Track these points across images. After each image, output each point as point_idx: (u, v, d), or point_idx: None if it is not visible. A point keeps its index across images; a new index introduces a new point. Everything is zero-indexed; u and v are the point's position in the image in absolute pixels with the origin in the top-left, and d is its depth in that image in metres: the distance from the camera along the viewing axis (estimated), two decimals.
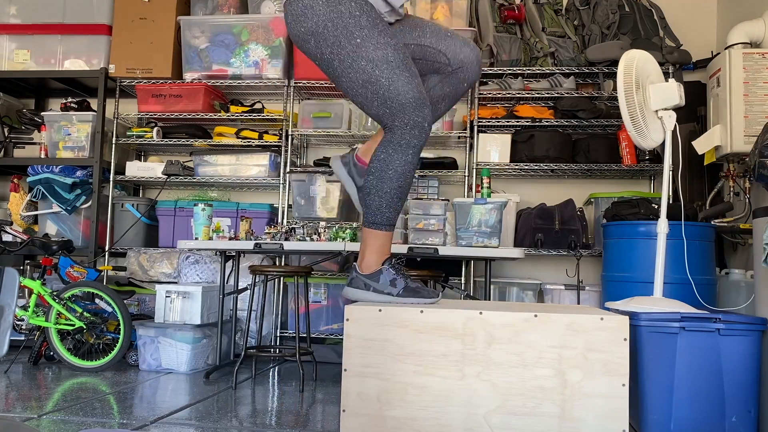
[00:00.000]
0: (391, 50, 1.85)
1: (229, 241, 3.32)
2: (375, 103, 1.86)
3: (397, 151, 1.86)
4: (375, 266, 1.96)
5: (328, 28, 1.85)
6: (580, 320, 1.84)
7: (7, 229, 3.81)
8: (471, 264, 3.88)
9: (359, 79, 1.85)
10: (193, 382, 3.15)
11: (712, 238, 3.25)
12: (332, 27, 1.85)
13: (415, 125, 1.85)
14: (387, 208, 1.91)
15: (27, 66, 4.36)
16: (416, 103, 1.84)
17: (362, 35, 1.84)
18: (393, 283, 1.95)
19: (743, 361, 2.21)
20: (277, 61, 4.12)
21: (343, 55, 1.85)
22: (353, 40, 1.84)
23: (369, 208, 1.91)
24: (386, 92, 1.83)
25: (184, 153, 4.59)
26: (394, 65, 1.84)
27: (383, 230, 1.93)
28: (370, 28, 1.85)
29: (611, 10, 4.02)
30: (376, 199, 1.89)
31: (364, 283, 1.97)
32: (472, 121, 4.03)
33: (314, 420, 2.47)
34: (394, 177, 1.88)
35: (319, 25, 1.85)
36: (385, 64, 1.83)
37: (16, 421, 2.28)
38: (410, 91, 1.84)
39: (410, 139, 1.86)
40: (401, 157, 1.87)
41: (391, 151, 1.86)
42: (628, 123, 2.57)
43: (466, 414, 1.84)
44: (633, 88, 2.56)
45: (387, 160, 1.87)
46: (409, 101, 1.83)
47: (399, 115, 1.84)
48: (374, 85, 1.84)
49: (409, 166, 1.89)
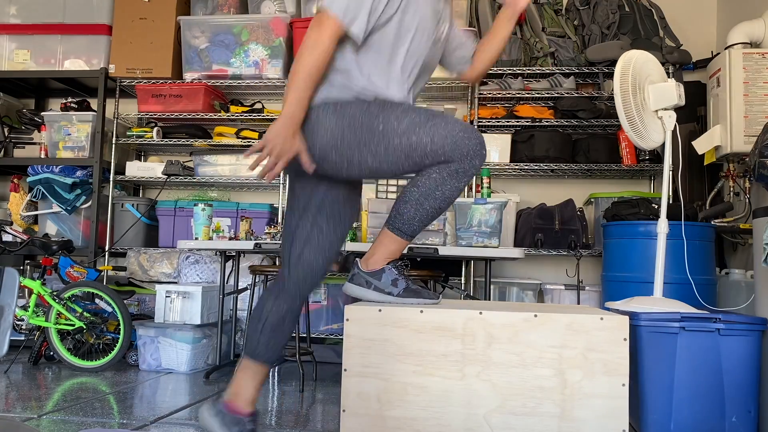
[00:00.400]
0: (411, 113, 1.80)
1: (229, 241, 3.32)
2: (427, 161, 1.81)
3: (453, 177, 1.82)
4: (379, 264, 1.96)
5: (346, 136, 1.80)
6: (580, 320, 1.84)
7: (7, 229, 3.81)
8: (471, 264, 3.88)
9: (402, 155, 1.79)
10: (193, 382, 3.15)
11: (712, 238, 3.24)
12: (350, 132, 1.79)
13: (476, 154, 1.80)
14: (418, 222, 1.88)
15: (27, 66, 4.36)
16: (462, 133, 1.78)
17: (381, 120, 1.79)
18: (394, 283, 1.95)
19: (743, 361, 2.21)
20: (277, 61, 4.12)
21: (375, 149, 1.78)
22: (376, 130, 1.78)
23: (401, 215, 1.88)
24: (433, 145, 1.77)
25: (184, 153, 4.59)
26: (425, 120, 1.78)
27: (404, 239, 1.92)
28: (382, 108, 1.81)
29: (611, 10, 4.02)
30: (412, 211, 1.86)
31: (365, 281, 1.96)
32: (472, 121, 4.03)
33: (314, 420, 2.47)
34: (440, 198, 1.84)
35: (336, 137, 1.80)
36: (416, 127, 1.78)
37: (16, 421, 2.28)
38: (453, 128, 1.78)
39: (468, 169, 1.81)
40: (455, 184, 1.83)
41: (446, 176, 1.81)
42: (626, 125, 2.57)
43: (466, 414, 1.84)
44: (629, 91, 2.56)
45: (440, 181, 1.81)
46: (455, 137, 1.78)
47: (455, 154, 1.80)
48: (418, 148, 1.77)
49: (457, 193, 1.86)
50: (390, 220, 1.91)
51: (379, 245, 1.95)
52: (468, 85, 4.08)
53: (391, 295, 1.95)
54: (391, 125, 1.79)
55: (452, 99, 4.29)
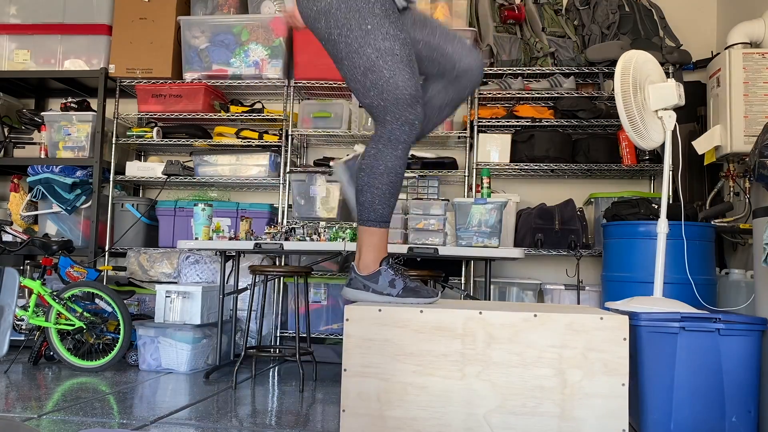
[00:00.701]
0: (398, 43, 1.85)
1: (229, 241, 3.32)
2: (372, 93, 1.87)
3: (387, 146, 1.88)
4: (373, 266, 1.96)
5: (341, 9, 1.86)
6: (580, 320, 1.84)
7: (7, 229, 3.81)
8: (471, 264, 3.88)
9: (362, 66, 1.86)
10: (193, 382, 3.15)
11: (712, 238, 3.24)
12: (345, 9, 1.86)
13: (406, 121, 1.87)
14: (380, 204, 1.91)
15: (27, 66, 4.36)
16: (411, 100, 1.86)
17: (373, 22, 1.84)
18: (392, 284, 1.95)
19: (743, 361, 2.21)
20: (277, 61, 4.12)
21: (351, 39, 1.85)
22: (364, 25, 1.84)
23: (362, 205, 1.92)
24: (386, 84, 1.84)
25: (184, 153, 4.59)
26: (399, 59, 1.85)
27: (377, 227, 1.93)
28: (382, 17, 1.85)
29: (611, 10, 4.02)
30: (369, 195, 1.90)
31: (363, 285, 1.97)
32: (472, 121, 4.03)
33: (314, 420, 2.47)
34: (385, 172, 1.88)
35: (332, 5, 1.87)
36: (390, 56, 1.84)
37: (16, 421, 2.28)
38: (409, 87, 1.85)
39: (400, 135, 1.88)
40: (391, 153, 1.88)
41: (381, 147, 1.88)
42: (626, 125, 2.57)
43: (466, 414, 1.84)
44: (630, 90, 2.56)
45: (377, 155, 1.88)
46: (405, 97, 1.84)
47: (392, 110, 1.86)
48: (375, 74, 1.85)
49: (399, 161, 1.90)
50: (358, 216, 1.94)
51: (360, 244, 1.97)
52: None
53: (390, 296, 1.95)
54: (376, 34, 1.85)
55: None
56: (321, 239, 3.29)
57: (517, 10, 4.08)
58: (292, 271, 3.25)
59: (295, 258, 4.01)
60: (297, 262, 3.98)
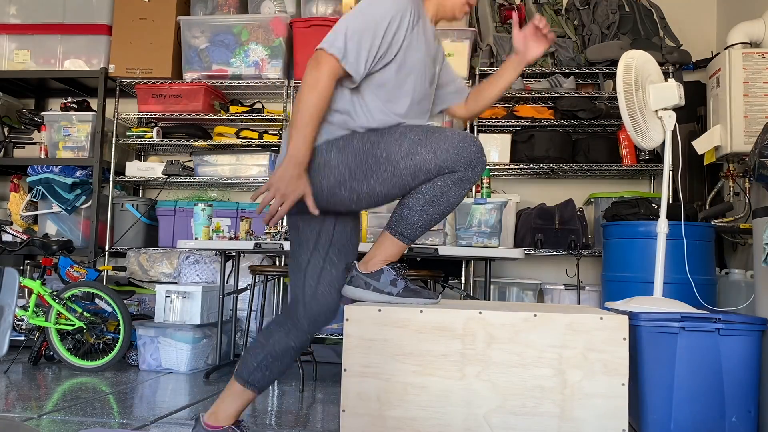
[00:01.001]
0: (409, 134, 1.82)
1: (229, 241, 3.32)
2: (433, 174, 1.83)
3: (457, 185, 1.84)
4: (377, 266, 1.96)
5: (353, 170, 1.81)
6: (580, 320, 1.84)
7: (7, 229, 3.81)
8: (471, 264, 3.88)
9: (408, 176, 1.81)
10: (193, 382, 3.15)
11: (712, 238, 3.24)
12: (356, 164, 1.81)
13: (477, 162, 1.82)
14: (421, 228, 1.90)
15: (27, 66, 4.36)
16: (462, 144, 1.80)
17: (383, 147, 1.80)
18: (393, 283, 1.95)
19: (743, 361, 2.21)
20: (277, 61, 4.12)
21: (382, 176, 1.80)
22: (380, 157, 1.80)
23: (404, 220, 1.90)
24: (436, 161, 1.80)
25: (184, 153, 4.59)
26: (424, 138, 1.80)
27: (405, 243, 1.93)
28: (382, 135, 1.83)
29: (611, 10, 4.02)
30: (416, 216, 1.88)
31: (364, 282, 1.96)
32: (472, 121, 4.03)
33: (314, 420, 2.47)
34: (444, 205, 1.87)
35: (343, 173, 1.82)
36: (417, 146, 1.80)
37: (16, 421, 2.28)
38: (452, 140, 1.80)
39: (471, 176, 1.84)
40: (458, 191, 1.86)
41: (451, 184, 1.84)
42: (628, 123, 2.57)
43: (466, 414, 1.84)
44: (633, 89, 2.56)
45: (445, 189, 1.83)
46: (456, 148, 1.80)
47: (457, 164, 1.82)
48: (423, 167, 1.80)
49: (460, 199, 1.89)
50: (392, 224, 1.91)
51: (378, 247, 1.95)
52: (468, 85, 4.07)
53: (391, 295, 1.95)
54: (393, 150, 1.81)
55: None
56: None
57: (517, 10, 4.08)
58: None
59: None
60: None
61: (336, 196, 1.84)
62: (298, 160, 1.72)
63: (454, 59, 3.88)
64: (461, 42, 3.92)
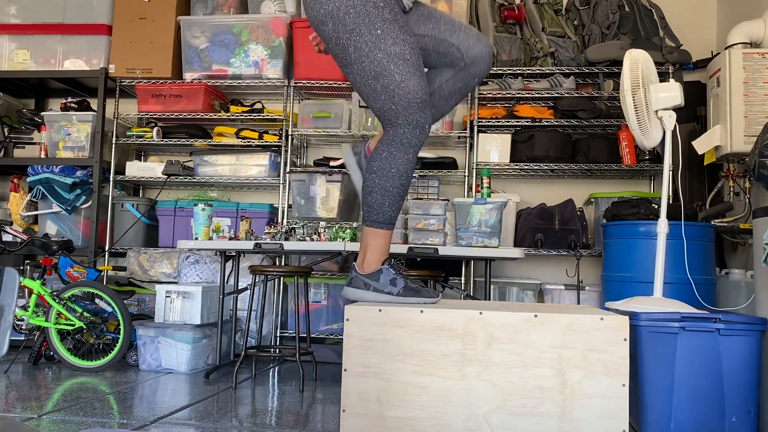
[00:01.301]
0: (408, 48, 1.86)
1: (229, 241, 3.32)
2: (383, 97, 1.87)
3: (399, 149, 1.88)
4: (375, 266, 1.96)
5: (350, 14, 1.86)
6: (580, 320, 1.84)
7: (7, 229, 3.80)
8: (471, 264, 3.88)
9: (372, 70, 1.86)
10: (193, 382, 3.15)
11: (712, 238, 3.24)
12: (354, 13, 1.85)
13: (417, 125, 1.87)
14: (389, 206, 1.91)
15: (27, 66, 4.36)
16: (422, 104, 1.86)
17: (383, 27, 1.84)
18: (393, 283, 1.95)
19: (743, 361, 2.21)
20: (277, 61, 4.12)
21: (361, 44, 1.85)
22: (374, 30, 1.84)
23: (371, 206, 1.91)
24: (397, 88, 1.84)
25: (184, 153, 4.59)
26: (410, 63, 1.85)
27: (384, 228, 1.94)
28: (392, 22, 1.86)
29: (611, 10, 4.02)
30: (379, 197, 1.90)
31: (364, 283, 1.97)
32: (472, 121, 4.03)
33: (314, 420, 2.47)
34: (397, 175, 1.89)
35: (340, 9, 1.86)
36: (401, 60, 1.84)
37: (16, 421, 2.28)
38: (419, 91, 1.85)
39: (411, 138, 1.88)
40: (403, 156, 1.88)
41: (393, 150, 1.88)
42: (634, 122, 2.57)
43: (466, 414, 1.84)
44: (640, 86, 2.56)
45: (389, 158, 1.88)
46: (417, 101, 1.85)
47: (403, 114, 1.86)
48: (386, 78, 1.85)
49: (410, 165, 1.91)
50: (365, 218, 1.94)
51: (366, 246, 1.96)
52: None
53: (391, 295, 1.95)
54: (386, 39, 1.85)
55: None
56: (321, 239, 3.29)
57: (517, 10, 4.08)
58: (292, 271, 3.25)
59: (295, 258, 4.01)
60: (297, 262, 3.98)
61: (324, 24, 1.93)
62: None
63: None
64: None
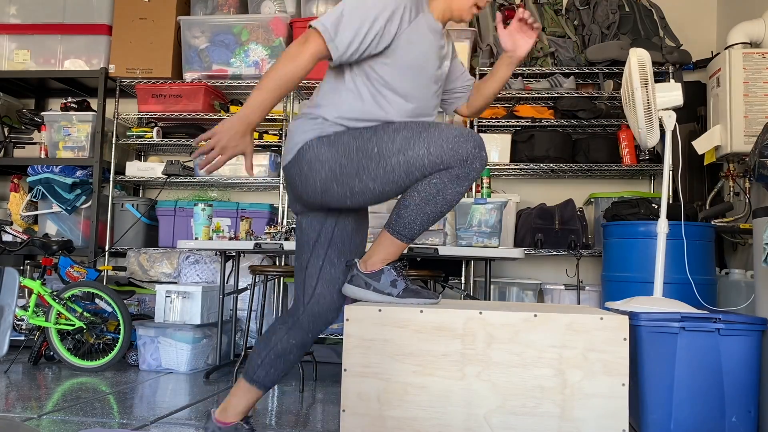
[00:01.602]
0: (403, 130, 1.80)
1: (229, 241, 3.32)
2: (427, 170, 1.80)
3: (454, 182, 1.81)
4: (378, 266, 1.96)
5: (344, 165, 1.79)
6: (580, 320, 1.84)
7: (7, 229, 3.81)
8: (471, 264, 3.88)
9: (402, 173, 1.78)
10: (193, 382, 3.15)
11: (712, 238, 3.24)
12: (347, 160, 1.79)
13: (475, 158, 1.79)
14: (419, 226, 1.88)
15: (27, 66, 4.36)
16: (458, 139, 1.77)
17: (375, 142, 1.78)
18: (394, 284, 1.95)
19: (743, 361, 2.21)
20: None
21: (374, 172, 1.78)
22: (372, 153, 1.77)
23: (402, 219, 1.88)
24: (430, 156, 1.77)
25: (184, 153, 4.59)
26: (418, 134, 1.77)
27: (404, 242, 1.92)
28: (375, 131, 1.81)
29: (611, 10, 4.02)
30: (413, 215, 1.86)
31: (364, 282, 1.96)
32: (472, 121, 4.03)
33: (314, 420, 2.47)
34: (441, 203, 1.84)
35: (334, 169, 1.80)
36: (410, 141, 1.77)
37: (16, 421, 2.28)
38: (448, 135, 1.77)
39: (469, 173, 1.81)
40: (456, 189, 1.82)
41: (447, 181, 1.80)
42: (642, 121, 2.56)
43: (466, 414, 1.84)
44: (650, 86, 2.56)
45: (441, 187, 1.80)
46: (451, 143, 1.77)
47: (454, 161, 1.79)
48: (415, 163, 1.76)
49: (459, 197, 1.85)
50: (390, 223, 1.90)
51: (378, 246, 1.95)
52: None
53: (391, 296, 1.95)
54: (385, 145, 1.79)
55: None
56: None
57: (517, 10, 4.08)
58: (292, 271, 3.25)
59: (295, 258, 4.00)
60: None
61: (329, 192, 1.83)
62: (249, 119, 1.72)
63: None
64: (461, 42, 3.92)
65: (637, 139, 2.73)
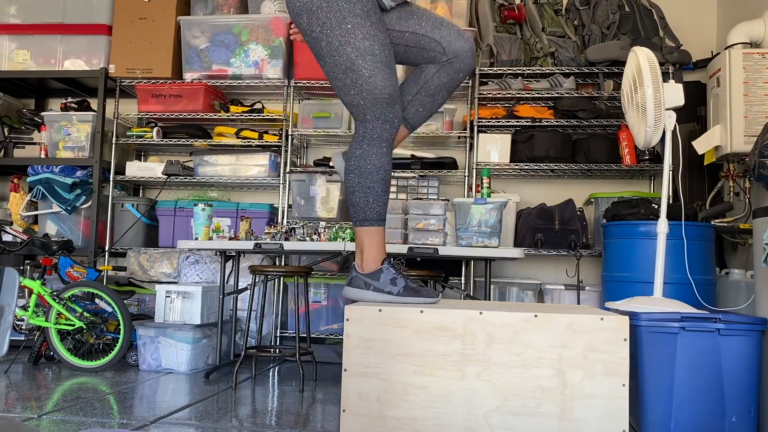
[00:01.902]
0: (378, 44, 1.89)
1: (229, 241, 3.32)
2: (352, 91, 1.91)
3: (372, 144, 1.91)
4: (374, 265, 1.97)
5: (322, 8, 1.90)
6: (580, 320, 1.84)
7: (7, 229, 3.80)
8: (471, 264, 3.88)
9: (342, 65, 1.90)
10: (193, 382, 3.15)
11: (712, 238, 3.24)
12: (326, 7, 1.90)
13: (386, 120, 1.91)
14: (374, 202, 1.93)
15: (27, 66, 4.36)
16: (390, 99, 1.90)
17: (354, 22, 1.88)
18: (393, 282, 1.96)
19: (743, 361, 2.21)
20: (277, 61, 4.12)
21: (332, 38, 1.90)
22: (344, 25, 1.88)
23: (356, 206, 1.93)
24: (365, 83, 1.88)
25: (184, 153, 4.59)
26: (378, 59, 1.88)
27: (375, 225, 1.95)
28: (363, 17, 1.89)
29: (611, 10, 4.02)
30: (362, 195, 1.92)
31: (364, 283, 1.97)
32: (472, 121, 4.03)
33: (314, 420, 2.47)
34: (374, 171, 1.92)
35: (314, 3, 1.91)
36: (369, 56, 1.87)
37: (16, 421, 2.28)
38: (387, 87, 1.89)
39: (382, 133, 1.92)
40: (376, 150, 1.92)
41: (366, 146, 1.92)
42: (651, 120, 2.56)
43: (466, 414, 1.84)
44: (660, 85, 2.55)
45: (363, 155, 1.91)
46: (384, 96, 1.88)
47: (371, 109, 1.89)
48: (355, 73, 1.89)
49: (386, 159, 1.94)
50: (354, 218, 1.95)
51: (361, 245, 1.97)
52: (467, 85, 4.07)
53: (391, 294, 1.96)
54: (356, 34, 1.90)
55: (451, 99, 4.29)
56: (321, 239, 3.29)
57: (517, 10, 4.08)
58: (292, 271, 3.25)
59: (295, 258, 4.01)
60: (297, 262, 3.98)
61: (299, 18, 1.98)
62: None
63: None
64: None
65: (637, 139, 2.73)
